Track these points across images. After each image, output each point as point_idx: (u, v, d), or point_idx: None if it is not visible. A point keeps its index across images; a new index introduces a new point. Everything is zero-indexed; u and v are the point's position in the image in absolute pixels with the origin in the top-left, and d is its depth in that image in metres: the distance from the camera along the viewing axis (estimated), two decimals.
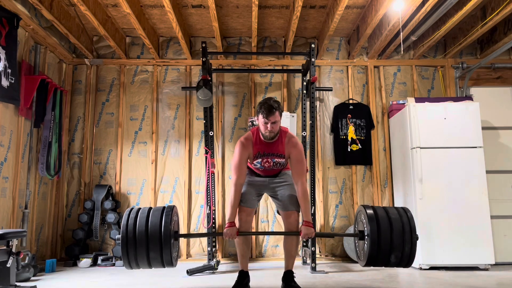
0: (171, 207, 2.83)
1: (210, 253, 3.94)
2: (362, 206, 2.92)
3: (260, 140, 2.88)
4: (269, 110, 2.72)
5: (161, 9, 4.19)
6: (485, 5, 3.95)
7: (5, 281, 2.68)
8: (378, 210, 2.83)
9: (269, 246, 4.56)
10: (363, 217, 2.87)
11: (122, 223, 2.73)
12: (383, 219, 2.76)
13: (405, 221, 2.76)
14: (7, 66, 3.43)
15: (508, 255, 4.22)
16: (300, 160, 2.85)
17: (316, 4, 4.18)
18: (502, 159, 4.48)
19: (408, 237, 2.71)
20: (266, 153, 2.86)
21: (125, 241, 2.66)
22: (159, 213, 2.76)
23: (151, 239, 2.65)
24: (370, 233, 2.72)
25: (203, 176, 4.62)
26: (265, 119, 2.73)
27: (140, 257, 2.68)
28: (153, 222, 2.69)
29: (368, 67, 4.91)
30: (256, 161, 2.89)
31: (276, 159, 2.87)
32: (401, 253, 2.71)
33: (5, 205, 3.57)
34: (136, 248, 2.66)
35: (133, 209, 2.83)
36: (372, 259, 2.75)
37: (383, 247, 2.70)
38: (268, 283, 3.18)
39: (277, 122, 2.77)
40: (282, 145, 2.87)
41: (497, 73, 4.85)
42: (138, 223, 2.70)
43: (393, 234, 2.70)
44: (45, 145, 4.11)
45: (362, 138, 4.72)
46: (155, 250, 2.66)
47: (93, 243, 4.46)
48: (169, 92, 4.84)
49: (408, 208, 2.90)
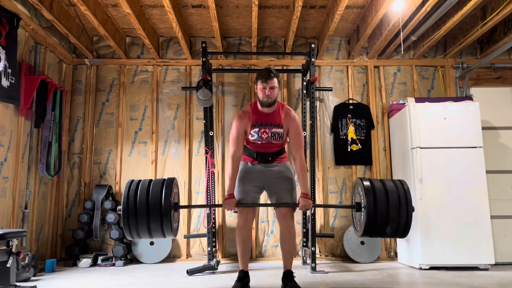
0: (172, 179, 2.81)
1: (210, 253, 3.94)
2: (359, 178, 2.94)
3: (258, 110, 2.89)
4: (267, 75, 2.79)
5: (161, 9, 4.19)
6: (485, 5, 3.96)
7: (5, 281, 2.68)
8: (375, 182, 2.84)
9: (269, 246, 4.56)
10: (360, 189, 2.88)
11: (123, 194, 2.72)
12: (380, 191, 2.77)
13: (402, 193, 2.77)
14: (7, 66, 3.43)
15: (508, 255, 4.22)
16: (298, 134, 2.90)
17: (316, 4, 4.18)
18: (502, 159, 4.48)
19: (404, 209, 2.73)
20: (263, 123, 2.86)
21: (126, 211, 2.66)
22: (159, 184, 2.75)
23: (152, 210, 2.65)
24: (367, 205, 2.73)
25: (203, 176, 4.62)
26: (263, 83, 2.79)
27: (141, 227, 2.68)
28: (154, 193, 2.69)
29: (368, 67, 4.91)
30: (253, 131, 2.86)
31: (274, 129, 2.86)
32: (396, 224, 2.73)
33: (5, 205, 3.57)
34: (137, 219, 2.66)
35: (134, 181, 2.81)
36: (368, 230, 2.77)
37: (379, 218, 2.72)
38: (268, 283, 3.18)
39: (274, 88, 2.82)
40: (280, 117, 2.88)
41: (497, 73, 4.85)
42: (139, 194, 2.70)
43: (389, 206, 2.72)
44: (45, 145, 4.11)
45: (362, 138, 4.72)
46: (156, 221, 2.66)
47: (93, 243, 4.46)
48: (169, 92, 4.84)
49: (404, 181, 2.90)
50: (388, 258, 4.51)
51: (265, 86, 2.79)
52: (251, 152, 2.96)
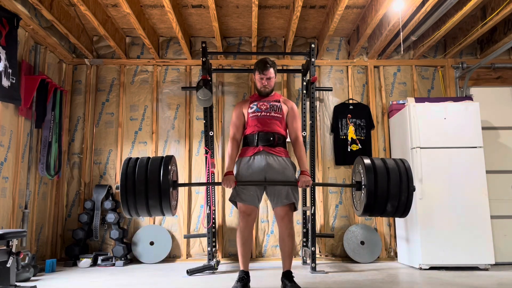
0: (170, 156, 2.77)
1: (210, 253, 3.94)
2: (360, 157, 2.89)
3: (257, 96, 3.07)
4: (264, 66, 2.92)
5: (161, 9, 4.19)
6: (485, 5, 3.96)
7: (5, 281, 2.68)
8: (375, 160, 2.81)
9: (269, 246, 4.57)
10: (361, 167, 2.85)
11: (121, 171, 2.67)
12: (381, 169, 2.73)
13: (403, 171, 2.73)
14: (8, 66, 3.43)
15: (508, 255, 4.22)
16: (296, 118, 3.02)
17: (316, 4, 4.18)
18: (502, 159, 4.48)
19: (405, 186, 2.69)
20: (262, 100, 3.02)
21: (124, 189, 2.62)
22: (157, 162, 2.70)
23: (150, 187, 2.61)
24: (367, 183, 2.70)
25: (203, 176, 4.62)
26: (260, 74, 2.94)
27: (139, 205, 2.64)
28: (152, 171, 2.65)
29: (368, 67, 4.91)
30: (252, 105, 3.00)
31: (273, 102, 2.99)
32: (397, 202, 2.69)
33: (5, 205, 3.57)
34: (135, 196, 2.62)
35: (132, 159, 2.76)
36: (368, 208, 2.74)
37: (379, 196, 2.68)
38: (268, 283, 3.18)
39: (271, 78, 2.97)
40: (278, 99, 3.05)
41: (497, 73, 4.85)
42: (137, 171, 2.65)
43: (390, 184, 2.68)
44: (45, 145, 4.11)
45: (362, 138, 4.72)
46: (154, 199, 2.62)
47: (93, 243, 4.46)
48: (169, 92, 4.84)
49: (406, 159, 2.87)
50: (388, 258, 4.51)
51: (262, 76, 2.95)
52: (251, 138, 2.91)
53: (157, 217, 4.55)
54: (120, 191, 2.64)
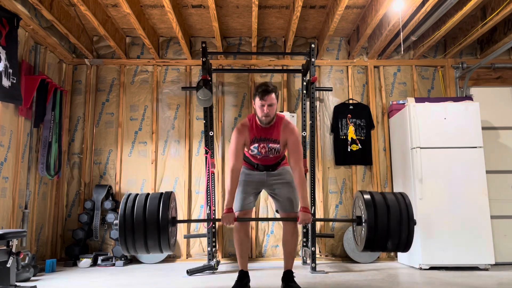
0: (169, 193, 2.79)
1: (210, 253, 3.94)
2: (359, 191, 2.90)
3: (257, 125, 2.86)
4: (266, 92, 2.72)
5: (161, 9, 4.19)
6: (485, 5, 3.95)
7: (5, 281, 2.68)
8: (375, 195, 2.80)
9: (269, 246, 4.56)
10: (361, 203, 2.85)
11: (120, 208, 2.69)
12: (381, 204, 2.73)
13: (403, 207, 2.73)
14: (8, 66, 3.43)
15: (508, 255, 4.22)
16: (296, 146, 2.84)
17: (316, 4, 4.18)
18: (502, 159, 4.48)
19: (405, 224, 2.68)
20: (262, 138, 2.86)
21: (122, 227, 2.63)
22: (156, 199, 2.72)
23: (149, 225, 2.63)
24: (368, 219, 2.70)
25: (203, 176, 4.62)
26: (262, 101, 2.72)
27: (138, 243, 2.66)
28: (151, 209, 2.66)
29: (368, 67, 4.91)
30: (253, 146, 2.87)
31: (271, 145, 2.85)
32: (398, 239, 2.69)
33: (5, 205, 3.57)
34: (133, 234, 2.63)
35: (131, 195, 2.78)
36: (369, 244, 2.74)
37: (380, 233, 2.68)
38: (268, 283, 3.18)
39: (273, 105, 2.75)
40: (278, 131, 2.85)
41: (497, 73, 4.85)
42: (136, 209, 2.67)
43: (390, 221, 2.68)
44: (45, 145, 4.11)
45: (362, 138, 4.72)
46: (153, 237, 2.64)
47: (93, 243, 4.46)
48: (169, 92, 4.84)
49: (406, 194, 2.86)
50: (388, 258, 4.51)
51: (263, 103, 2.72)
52: (251, 162, 2.99)
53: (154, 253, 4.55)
54: (118, 229, 2.65)
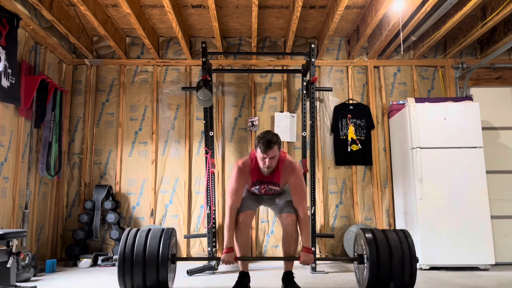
0: (169, 231, 2.82)
1: (210, 253, 3.94)
2: (361, 229, 2.88)
3: (258, 169, 2.85)
4: (268, 145, 2.66)
5: (161, 9, 4.19)
6: (485, 5, 3.96)
7: (5, 281, 2.68)
8: (377, 234, 2.78)
9: (269, 247, 4.57)
10: (362, 241, 2.83)
11: (120, 245, 2.72)
12: (383, 243, 2.71)
13: (405, 248, 2.69)
14: (8, 66, 3.43)
15: (508, 255, 4.23)
16: (299, 186, 2.83)
17: (316, 4, 4.18)
18: (502, 159, 4.48)
19: (408, 264, 2.64)
20: (263, 181, 2.89)
21: (122, 265, 2.66)
22: (157, 239, 2.75)
23: (148, 264, 2.65)
24: (370, 257, 2.68)
25: (203, 176, 4.62)
26: (263, 154, 2.68)
27: (136, 281, 2.68)
28: (151, 248, 2.70)
29: (368, 67, 4.91)
30: (254, 188, 2.94)
31: (271, 186, 2.90)
32: (400, 281, 2.65)
33: (5, 205, 3.57)
34: (132, 272, 2.66)
35: (131, 232, 2.82)
36: (371, 285, 2.70)
37: (382, 273, 2.65)
38: (268, 283, 3.18)
39: (275, 157, 2.73)
40: (279, 175, 2.85)
41: (497, 73, 4.85)
42: (136, 247, 2.71)
43: (392, 262, 2.65)
44: (45, 145, 4.11)
45: (362, 138, 4.72)
46: (152, 275, 2.66)
47: (93, 243, 4.46)
48: (169, 92, 4.84)
49: (408, 232, 2.82)
50: None
51: (265, 156, 2.70)
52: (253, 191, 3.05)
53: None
54: (117, 266, 2.67)
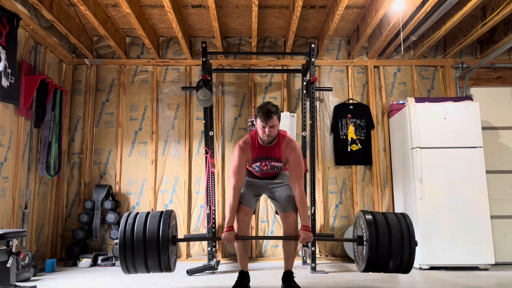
0: (169, 212, 2.81)
1: (210, 253, 3.94)
2: (361, 211, 2.91)
3: (259, 144, 2.88)
4: (267, 115, 2.72)
5: (161, 9, 4.19)
6: (485, 5, 3.96)
7: (5, 281, 2.68)
8: (377, 215, 2.81)
9: (269, 246, 4.56)
10: (362, 222, 2.86)
11: (120, 228, 2.71)
12: (382, 225, 2.74)
13: (404, 227, 2.74)
14: (7, 66, 3.43)
15: (508, 255, 4.22)
16: (298, 164, 2.85)
17: (316, 4, 4.18)
18: (502, 159, 4.48)
19: (407, 244, 2.69)
20: (264, 157, 2.89)
21: (122, 247, 2.65)
22: (156, 219, 2.74)
23: (149, 245, 2.64)
24: (369, 239, 2.71)
25: (203, 176, 4.62)
26: (263, 123, 2.73)
27: (138, 263, 2.67)
28: (151, 228, 2.68)
29: (368, 67, 4.91)
30: (254, 165, 2.92)
31: (273, 163, 2.90)
32: (399, 260, 2.69)
33: (5, 205, 3.57)
34: (133, 254, 2.65)
35: (131, 214, 2.80)
36: (370, 265, 2.75)
37: (381, 253, 2.69)
38: (268, 283, 3.18)
39: (274, 127, 2.77)
40: (280, 150, 2.87)
41: (497, 73, 4.85)
42: (136, 229, 2.69)
43: (391, 241, 2.69)
44: (45, 145, 4.10)
45: (362, 138, 4.72)
46: (153, 257, 2.65)
47: (93, 243, 4.46)
48: (169, 92, 4.84)
49: (407, 214, 2.88)
50: None
51: (264, 125, 2.74)
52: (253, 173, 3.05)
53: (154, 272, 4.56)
54: (118, 248, 2.67)
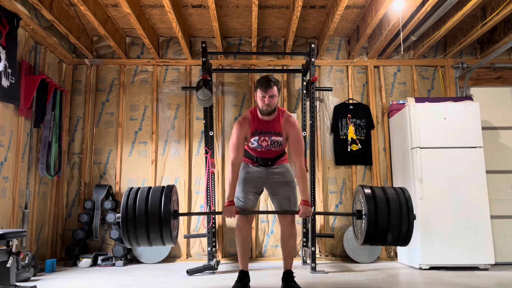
0: (171, 187, 2.80)
1: (210, 253, 3.94)
2: (360, 186, 2.91)
3: (258, 118, 2.88)
4: (267, 84, 2.77)
5: (161, 9, 4.19)
6: (485, 5, 3.96)
7: (5, 281, 2.68)
8: (375, 189, 2.82)
9: (269, 246, 4.56)
10: (361, 196, 2.87)
11: (122, 203, 2.71)
12: (381, 198, 2.75)
13: (403, 201, 2.75)
14: (8, 66, 3.43)
15: (508, 255, 4.22)
16: (298, 140, 2.87)
17: (316, 4, 4.18)
18: (502, 159, 4.48)
19: (405, 217, 2.70)
20: (263, 131, 2.87)
21: (125, 221, 2.66)
22: (158, 193, 2.73)
23: (151, 219, 2.64)
24: (368, 213, 2.72)
25: (203, 176, 4.62)
26: (263, 92, 2.77)
27: (140, 236, 2.68)
28: (153, 202, 2.68)
29: (368, 67, 4.91)
30: (253, 139, 2.87)
31: (274, 137, 2.86)
32: (398, 232, 2.71)
33: (5, 205, 3.57)
34: (136, 228, 2.65)
35: (133, 189, 2.80)
36: (369, 238, 2.75)
37: (380, 226, 2.70)
38: (268, 283, 3.18)
39: (274, 97, 2.79)
40: (279, 124, 2.87)
41: (497, 73, 4.85)
42: (138, 203, 2.69)
43: (390, 214, 2.70)
44: (45, 145, 4.10)
45: (362, 138, 4.72)
46: (155, 230, 2.66)
47: (93, 243, 4.46)
48: (169, 92, 4.84)
49: (406, 188, 2.88)
50: (388, 258, 4.51)
51: (264, 95, 2.77)
52: (251, 155, 2.97)
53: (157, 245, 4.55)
54: (120, 222, 2.67)
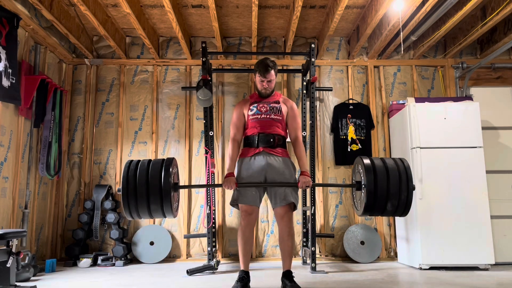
0: (171, 159, 2.78)
1: (210, 253, 3.94)
2: (359, 157, 2.90)
3: (257, 96, 3.07)
4: (265, 69, 2.91)
5: (161, 9, 4.19)
6: (485, 5, 3.96)
7: (5, 281, 2.68)
8: (375, 160, 2.81)
9: (269, 246, 4.57)
10: (360, 167, 2.86)
11: (122, 175, 2.69)
12: (380, 168, 2.74)
13: (402, 170, 2.74)
14: (8, 66, 3.43)
15: (508, 255, 4.22)
16: (296, 116, 3.04)
17: (316, 4, 4.18)
18: (502, 159, 4.48)
19: (404, 185, 2.69)
20: (262, 101, 3.03)
21: (125, 193, 2.64)
22: (158, 165, 2.71)
23: (152, 190, 2.63)
24: (367, 183, 2.71)
25: (203, 176, 4.62)
26: (261, 77, 2.93)
27: (141, 208, 2.67)
28: (153, 174, 2.66)
29: (368, 67, 4.91)
30: (252, 106, 3.00)
31: (272, 104, 3.00)
32: (397, 201, 2.70)
33: (5, 205, 3.57)
34: (136, 200, 2.64)
35: (133, 162, 2.77)
36: (368, 208, 2.74)
37: (379, 196, 2.68)
38: (268, 283, 3.18)
39: (272, 81, 2.97)
40: (279, 96, 3.08)
41: (497, 73, 4.85)
42: (138, 174, 2.67)
43: (389, 183, 2.69)
44: (45, 145, 4.11)
45: (362, 138, 4.72)
46: (156, 202, 2.64)
47: (93, 243, 4.46)
48: (169, 92, 4.84)
49: (405, 159, 2.87)
50: (388, 258, 4.51)
51: (263, 79, 2.94)
52: (252, 139, 2.93)
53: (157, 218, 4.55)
54: (121, 193, 2.66)
